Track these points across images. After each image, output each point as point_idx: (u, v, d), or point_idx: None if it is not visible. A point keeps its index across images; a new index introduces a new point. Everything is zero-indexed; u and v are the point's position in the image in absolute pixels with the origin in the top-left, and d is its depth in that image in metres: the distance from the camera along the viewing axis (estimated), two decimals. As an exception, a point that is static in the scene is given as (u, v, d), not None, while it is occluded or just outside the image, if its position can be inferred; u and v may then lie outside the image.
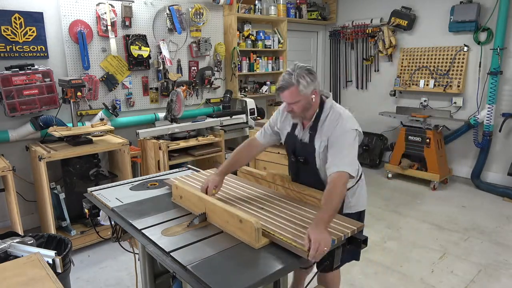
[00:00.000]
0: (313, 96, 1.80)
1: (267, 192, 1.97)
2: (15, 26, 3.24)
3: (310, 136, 1.88)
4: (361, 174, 2.08)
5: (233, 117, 4.51)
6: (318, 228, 1.45)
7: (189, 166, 2.63)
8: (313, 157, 1.89)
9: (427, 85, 5.04)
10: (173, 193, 1.92)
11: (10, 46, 3.24)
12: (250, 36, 4.96)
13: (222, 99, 4.78)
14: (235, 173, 2.30)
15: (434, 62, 5.00)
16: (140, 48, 3.89)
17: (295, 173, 2.03)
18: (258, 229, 1.41)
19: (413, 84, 5.19)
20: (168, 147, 3.61)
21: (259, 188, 2.03)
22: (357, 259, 2.10)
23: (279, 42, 5.24)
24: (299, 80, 1.73)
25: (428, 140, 4.66)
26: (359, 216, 2.04)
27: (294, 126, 1.97)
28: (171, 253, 1.38)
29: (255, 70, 5.09)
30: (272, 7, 5.07)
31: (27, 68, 3.17)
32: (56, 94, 3.31)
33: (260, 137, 2.12)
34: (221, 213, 1.57)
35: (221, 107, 4.79)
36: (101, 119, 3.68)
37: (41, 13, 3.37)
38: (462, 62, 4.77)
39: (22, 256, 1.62)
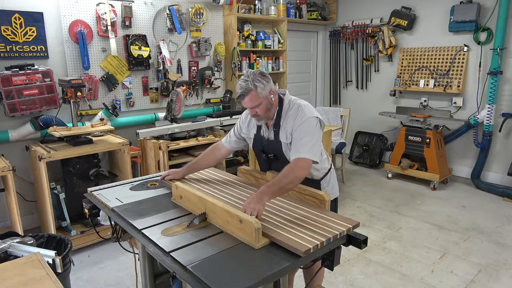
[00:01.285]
0: (272, 95, 1.92)
1: None
2: (15, 26, 3.24)
3: (274, 133, 1.99)
4: (331, 162, 2.19)
5: (233, 117, 4.51)
6: (255, 199, 1.63)
7: (189, 166, 2.62)
8: (281, 152, 1.99)
9: (427, 85, 5.04)
10: (173, 193, 1.92)
11: (10, 46, 3.24)
12: (250, 36, 4.96)
13: (222, 99, 4.78)
14: (235, 173, 2.31)
15: (434, 62, 5.00)
16: (140, 48, 3.89)
17: (268, 169, 2.13)
18: (258, 229, 1.41)
19: (413, 84, 5.19)
20: (168, 147, 3.61)
21: (259, 188, 2.02)
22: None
23: (279, 42, 5.24)
24: (256, 84, 1.84)
25: (428, 140, 4.66)
26: (335, 203, 2.15)
27: (259, 128, 2.08)
28: (171, 253, 1.38)
29: (255, 70, 5.07)
30: (272, 7, 5.07)
31: (27, 68, 3.17)
32: (56, 94, 3.31)
33: (225, 142, 2.24)
34: (221, 213, 1.57)
35: (221, 107, 4.79)
36: (101, 119, 3.68)
37: (41, 13, 3.37)
38: (462, 62, 4.77)
39: (22, 256, 1.62)
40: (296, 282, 2.56)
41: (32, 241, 2.10)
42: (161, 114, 4.21)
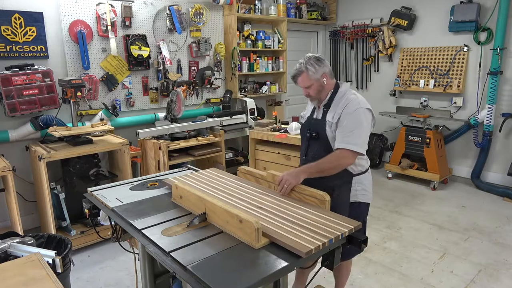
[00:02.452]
0: (324, 79, 2.02)
1: (267, 192, 1.97)
2: (15, 26, 3.24)
3: (323, 113, 2.07)
4: (369, 164, 2.21)
5: (233, 117, 4.51)
6: (292, 173, 1.83)
7: (189, 166, 2.63)
8: (324, 130, 2.03)
9: (427, 85, 5.04)
10: (173, 193, 1.92)
11: (10, 46, 3.24)
12: (250, 36, 4.96)
13: (222, 99, 4.78)
14: (235, 173, 2.31)
15: (434, 62, 5.00)
16: (140, 48, 3.89)
17: (305, 150, 2.17)
18: (258, 229, 1.41)
19: (413, 84, 5.19)
20: (168, 147, 3.61)
21: (259, 188, 2.02)
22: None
23: (279, 42, 5.24)
24: (308, 67, 1.98)
25: (428, 140, 4.66)
26: (364, 207, 2.12)
27: (313, 111, 2.18)
28: (171, 253, 1.38)
29: (255, 70, 5.09)
30: (272, 7, 5.07)
31: (27, 68, 3.17)
32: (56, 94, 3.31)
33: None
34: (221, 213, 1.57)
35: (221, 107, 4.79)
36: (101, 119, 3.68)
37: (41, 13, 3.37)
38: (462, 62, 4.77)
39: (22, 256, 1.62)
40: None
41: (32, 241, 2.10)
42: (161, 114, 4.21)
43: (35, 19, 3.34)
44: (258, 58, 5.12)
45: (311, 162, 1.97)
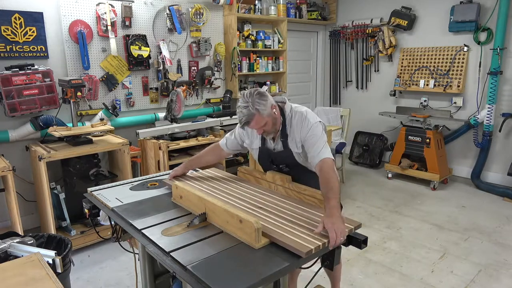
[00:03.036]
0: (274, 110, 1.93)
1: (267, 192, 1.97)
2: (15, 26, 3.24)
3: (283, 143, 2.02)
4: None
5: (233, 117, 4.51)
6: (333, 217, 1.51)
7: (189, 166, 2.62)
8: (294, 160, 2.02)
9: (427, 85, 5.04)
10: (173, 193, 1.92)
11: (10, 46, 3.24)
12: (250, 36, 4.96)
13: (222, 99, 4.78)
14: (235, 173, 2.31)
15: (434, 62, 5.00)
16: (140, 48, 3.89)
17: None
18: (258, 229, 1.41)
19: (413, 84, 5.19)
20: (168, 147, 3.61)
21: (259, 188, 2.03)
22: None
23: (279, 42, 5.24)
24: (257, 108, 1.84)
25: (428, 140, 4.66)
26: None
27: (264, 141, 2.08)
28: (171, 253, 1.38)
29: (255, 70, 5.09)
30: (272, 7, 5.07)
31: (27, 68, 3.17)
32: (56, 94, 3.31)
33: (223, 146, 2.26)
34: (221, 213, 1.57)
35: (221, 107, 4.79)
36: (101, 119, 3.68)
37: (41, 13, 3.37)
38: (462, 62, 4.77)
39: (22, 256, 1.62)
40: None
41: (32, 241, 2.10)
42: (161, 114, 4.21)
43: (35, 19, 3.34)
44: (258, 58, 5.12)
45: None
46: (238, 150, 2.28)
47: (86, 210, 2.00)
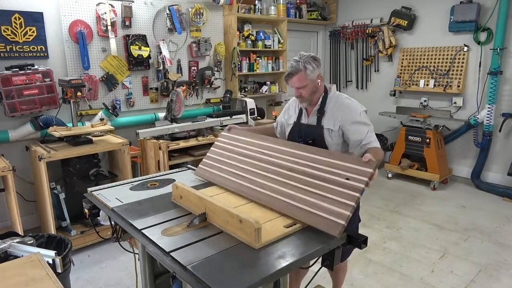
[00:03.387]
0: (319, 80, 1.96)
1: (284, 149, 1.90)
2: (15, 26, 3.24)
3: (317, 118, 2.01)
4: None
5: (233, 117, 4.51)
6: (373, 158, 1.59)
7: (189, 166, 2.62)
8: (321, 137, 1.99)
9: (427, 85, 5.04)
10: (173, 193, 1.92)
11: (10, 46, 3.24)
12: (250, 36, 4.96)
13: (222, 99, 4.78)
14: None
15: (434, 62, 5.00)
16: (140, 48, 3.89)
17: None
18: (258, 229, 1.41)
19: (413, 84, 5.19)
20: (168, 147, 3.61)
21: (277, 145, 1.95)
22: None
23: (279, 42, 5.24)
24: (306, 66, 1.88)
25: (428, 140, 4.66)
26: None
27: (300, 115, 2.10)
28: (171, 253, 1.38)
29: (255, 70, 5.09)
30: (272, 7, 5.07)
31: (27, 68, 3.17)
32: (56, 94, 3.31)
33: (275, 127, 2.35)
34: (221, 213, 1.57)
35: (221, 107, 4.79)
36: (101, 119, 3.68)
37: (41, 13, 3.37)
38: (462, 62, 4.77)
39: (22, 256, 1.62)
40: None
41: (32, 241, 2.10)
42: (161, 114, 4.21)
43: (35, 19, 3.34)
44: (258, 58, 5.12)
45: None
46: (283, 134, 2.28)
47: (86, 210, 2.00)
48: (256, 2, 4.98)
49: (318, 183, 1.64)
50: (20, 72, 3.12)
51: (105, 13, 3.63)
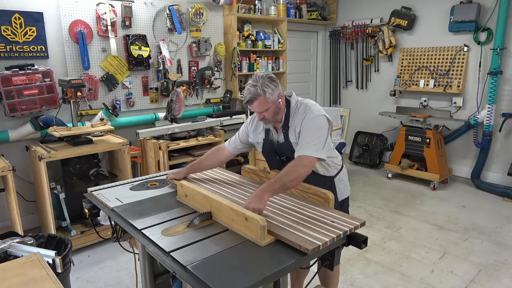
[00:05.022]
0: (280, 100, 1.91)
1: None
2: (15, 26, 3.24)
3: (284, 135, 1.98)
4: (342, 160, 2.19)
5: (233, 117, 4.51)
6: (255, 198, 1.64)
7: (189, 166, 2.62)
8: (293, 153, 1.94)
9: (427, 85, 5.04)
10: (178, 192, 1.93)
11: (10, 46, 3.24)
12: (250, 36, 4.96)
13: (222, 99, 4.78)
14: (239, 172, 2.31)
15: (434, 62, 5.00)
16: (140, 48, 3.89)
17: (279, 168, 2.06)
18: (263, 227, 1.42)
19: (413, 84, 5.19)
20: (168, 147, 3.61)
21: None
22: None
23: (279, 42, 5.24)
24: (265, 90, 1.83)
25: (428, 140, 4.66)
26: (347, 201, 2.19)
27: (267, 133, 2.05)
28: (171, 253, 1.38)
29: (255, 70, 5.08)
30: (272, 7, 5.07)
31: (27, 68, 3.17)
32: (56, 94, 3.31)
33: (228, 146, 2.22)
34: (226, 211, 1.58)
35: (221, 107, 4.79)
36: (101, 119, 3.68)
37: (41, 13, 3.37)
38: (462, 62, 4.77)
39: (22, 256, 1.62)
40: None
41: (32, 241, 2.10)
42: (161, 114, 4.21)
43: (35, 19, 3.34)
44: (258, 58, 5.12)
45: (308, 184, 1.91)
46: (242, 149, 2.23)
47: (86, 210, 2.00)
48: (256, 2, 4.98)
49: (301, 216, 1.64)
50: (20, 72, 3.12)
51: (105, 13, 3.63)
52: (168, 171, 2.62)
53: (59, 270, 1.78)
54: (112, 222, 1.93)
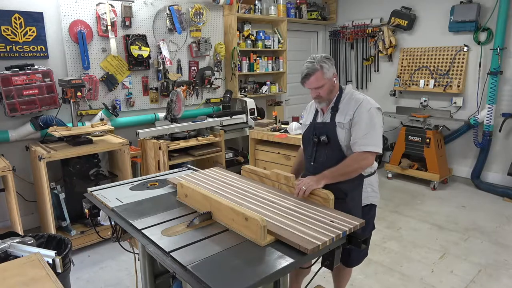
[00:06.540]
0: (335, 79, 1.98)
1: (271, 190, 1.97)
2: (15, 26, 3.24)
3: (331, 116, 2.01)
4: (377, 165, 2.22)
5: (233, 117, 4.51)
6: (314, 178, 1.80)
7: (189, 166, 2.63)
8: (334, 133, 1.98)
9: (427, 85, 5.04)
10: (178, 192, 1.92)
11: (10, 46, 3.24)
12: (250, 36, 4.96)
13: (222, 99, 4.78)
14: (239, 172, 2.31)
15: (434, 62, 5.00)
16: (140, 48, 3.89)
17: (312, 155, 2.07)
18: (263, 227, 1.42)
19: (413, 84, 5.19)
20: (168, 147, 3.61)
21: (263, 186, 2.03)
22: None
23: (279, 42, 5.24)
24: (322, 65, 1.90)
25: (428, 140, 4.66)
26: (374, 210, 2.23)
27: (316, 115, 2.10)
28: (171, 253, 1.38)
29: (255, 70, 5.09)
30: (272, 7, 5.07)
31: (27, 68, 3.17)
32: (56, 94, 3.31)
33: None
34: (226, 211, 1.58)
35: (221, 107, 4.79)
36: (101, 119, 3.68)
37: (41, 13, 3.37)
38: (462, 62, 4.77)
39: (22, 256, 1.62)
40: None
41: (32, 241, 2.10)
42: (161, 114, 4.21)
43: (35, 19, 3.34)
44: (258, 58, 5.12)
45: (321, 168, 1.92)
46: None
47: (86, 210, 2.00)
48: (256, 2, 4.98)
49: (301, 216, 1.64)
50: (20, 72, 3.12)
51: (105, 13, 3.63)
52: (168, 171, 2.62)
53: (59, 270, 1.78)
54: (112, 222, 1.93)
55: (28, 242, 2.06)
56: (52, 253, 1.82)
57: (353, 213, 1.71)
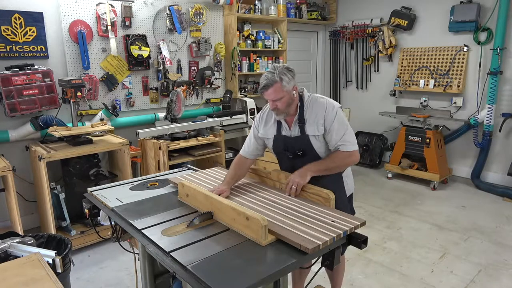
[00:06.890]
0: (294, 92, 1.92)
1: (272, 190, 1.97)
2: (15, 26, 3.24)
3: (300, 128, 1.97)
4: None
5: (233, 117, 4.51)
6: (299, 173, 1.87)
7: (189, 166, 2.63)
8: (310, 146, 1.97)
9: (427, 85, 5.04)
10: (179, 191, 1.92)
11: (10, 46, 3.24)
12: (250, 36, 4.96)
13: (222, 99, 4.78)
14: None
15: (434, 62, 5.00)
16: (140, 48, 3.89)
17: (291, 167, 2.04)
18: (264, 226, 1.42)
19: (413, 84, 5.19)
20: (168, 147, 3.61)
21: (264, 186, 2.03)
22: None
23: (279, 42, 5.24)
24: (282, 77, 1.84)
25: (428, 140, 4.66)
26: (351, 197, 2.21)
27: (279, 129, 2.03)
28: (171, 253, 1.38)
29: (255, 70, 5.09)
30: (272, 7, 5.07)
31: (27, 68, 3.17)
32: (56, 94, 3.31)
33: (245, 154, 2.14)
34: (227, 211, 1.58)
35: (221, 107, 4.79)
36: (101, 119, 3.68)
37: (41, 13, 3.37)
38: (462, 62, 4.77)
39: (22, 256, 1.62)
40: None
41: (32, 241, 2.10)
42: (161, 114, 4.21)
43: (35, 19, 3.34)
44: (258, 58, 5.12)
45: (309, 184, 1.91)
46: (259, 152, 2.17)
47: (86, 210, 2.00)
48: (256, 2, 4.98)
49: (302, 216, 1.64)
50: (20, 72, 3.12)
51: (105, 13, 3.63)
52: (168, 171, 2.62)
53: (59, 270, 1.78)
54: (112, 222, 1.93)
55: (28, 242, 2.06)
56: (52, 253, 1.82)
57: (341, 210, 1.74)
